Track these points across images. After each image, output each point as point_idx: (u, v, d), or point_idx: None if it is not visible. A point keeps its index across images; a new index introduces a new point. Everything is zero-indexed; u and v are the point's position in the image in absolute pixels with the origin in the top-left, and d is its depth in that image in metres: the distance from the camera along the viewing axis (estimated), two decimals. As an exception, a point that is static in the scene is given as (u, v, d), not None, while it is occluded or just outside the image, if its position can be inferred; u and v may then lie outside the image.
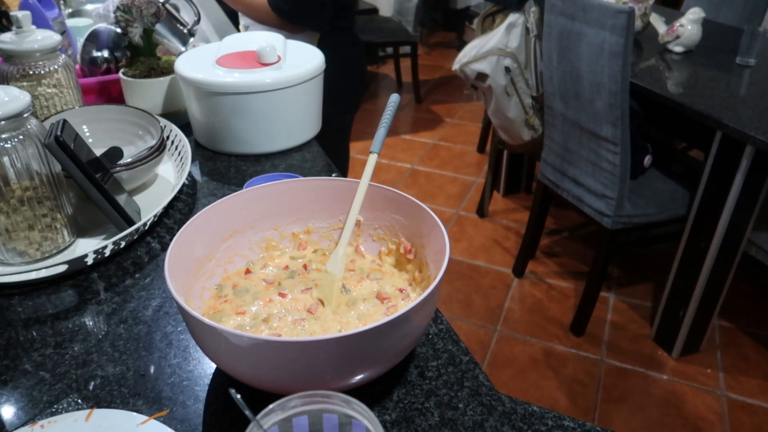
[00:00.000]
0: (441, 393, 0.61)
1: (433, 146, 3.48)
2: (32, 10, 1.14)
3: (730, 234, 1.71)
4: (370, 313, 0.65)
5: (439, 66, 4.70)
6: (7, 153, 0.73)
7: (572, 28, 1.74)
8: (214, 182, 1.03)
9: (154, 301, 0.75)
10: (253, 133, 1.08)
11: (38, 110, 1.02)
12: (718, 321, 2.12)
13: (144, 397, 0.61)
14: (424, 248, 0.69)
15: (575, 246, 2.57)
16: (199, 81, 1.05)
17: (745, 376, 1.91)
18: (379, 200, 0.72)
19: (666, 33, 2.10)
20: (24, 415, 0.59)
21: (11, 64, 0.97)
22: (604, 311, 2.18)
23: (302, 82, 1.07)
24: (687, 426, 1.75)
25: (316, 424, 0.45)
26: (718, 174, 1.68)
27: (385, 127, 0.74)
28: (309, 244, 0.76)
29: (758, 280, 2.30)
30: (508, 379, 1.92)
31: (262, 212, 0.73)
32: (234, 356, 0.53)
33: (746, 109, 1.64)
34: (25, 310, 0.74)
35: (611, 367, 1.95)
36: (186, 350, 0.67)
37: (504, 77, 2.14)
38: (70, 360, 0.66)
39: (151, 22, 1.14)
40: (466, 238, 2.63)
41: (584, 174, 1.92)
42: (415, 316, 0.55)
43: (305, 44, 1.22)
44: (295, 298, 0.67)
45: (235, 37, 1.24)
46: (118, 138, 1.00)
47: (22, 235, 0.78)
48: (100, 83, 1.21)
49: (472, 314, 2.20)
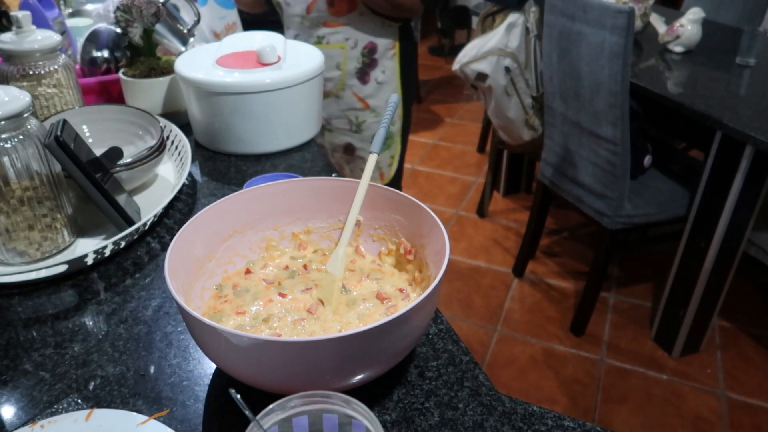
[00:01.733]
0: (441, 393, 0.61)
1: (433, 146, 3.48)
2: (32, 10, 1.14)
3: (730, 234, 1.71)
4: (370, 313, 0.65)
5: (439, 66, 4.70)
6: (7, 153, 0.73)
7: (572, 28, 1.74)
8: (214, 182, 1.03)
9: (154, 301, 0.75)
10: (253, 133, 1.08)
11: (38, 110, 1.02)
12: (718, 321, 2.12)
13: (144, 397, 0.61)
14: (424, 248, 0.69)
15: (575, 246, 2.57)
16: (199, 81, 1.05)
17: (745, 376, 1.91)
18: (379, 200, 0.72)
19: (666, 33, 2.10)
20: (24, 415, 0.59)
21: (11, 64, 0.97)
22: (604, 311, 2.18)
23: (302, 82, 1.07)
24: (687, 426, 1.75)
25: (316, 424, 0.45)
26: (718, 174, 1.68)
27: (385, 127, 0.74)
28: (309, 244, 0.76)
29: (758, 280, 2.30)
30: (508, 379, 1.92)
31: (262, 212, 0.73)
32: (234, 356, 0.53)
33: (746, 109, 1.63)
34: (25, 310, 0.74)
35: (611, 367, 1.95)
36: (186, 350, 0.67)
37: (504, 77, 2.14)
38: (70, 360, 0.66)
39: (151, 22, 1.14)
40: (466, 238, 2.63)
41: (584, 174, 1.92)
42: (415, 316, 0.55)
43: (305, 44, 1.22)
44: (295, 298, 0.67)
45: (235, 37, 1.24)
46: (118, 138, 1.00)
47: (22, 235, 0.78)
48: (100, 83, 1.21)
49: (472, 314, 2.20)
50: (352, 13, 1.42)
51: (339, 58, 1.48)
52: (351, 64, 1.49)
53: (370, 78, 1.51)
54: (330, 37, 1.46)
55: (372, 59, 1.49)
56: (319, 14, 1.43)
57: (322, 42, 1.46)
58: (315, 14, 1.43)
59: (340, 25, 1.44)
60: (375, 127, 1.57)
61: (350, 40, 1.46)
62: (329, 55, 1.44)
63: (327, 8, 1.42)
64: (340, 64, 1.49)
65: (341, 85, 1.52)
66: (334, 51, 1.47)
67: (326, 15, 1.43)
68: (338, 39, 1.46)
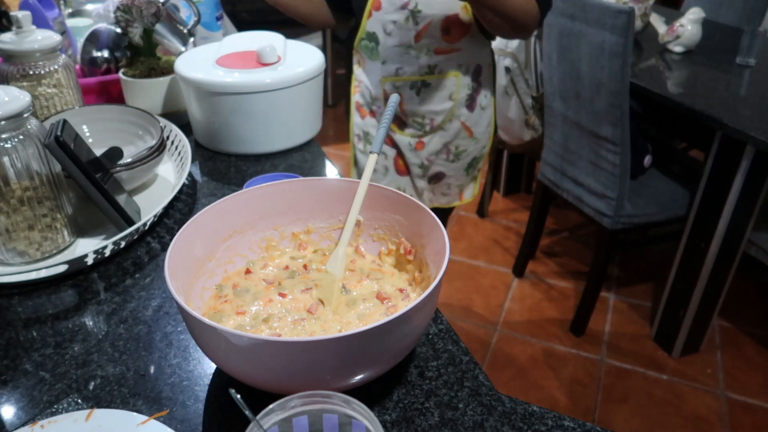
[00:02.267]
0: (441, 393, 0.61)
1: (433, 146, 3.48)
2: (32, 10, 1.14)
3: (730, 234, 1.71)
4: (370, 313, 0.65)
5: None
6: (7, 153, 0.73)
7: (572, 28, 1.74)
8: (214, 182, 1.03)
9: (154, 301, 0.75)
10: (253, 133, 1.08)
11: (38, 110, 1.02)
12: (718, 321, 2.12)
13: (144, 397, 0.61)
14: (424, 248, 0.69)
15: (575, 246, 2.57)
16: (199, 81, 1.05)
17: (745, 376, 1.91)
18: (379, 200, 0.72)
19: (666, 33, 2.10)
20: (24, 415, 0.59)
21: (11, 64, 0.97)
22: (604, 311, 2.18)
23: (302, 82, 1.07)
24: (687, 426, 1.75)
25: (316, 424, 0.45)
26: (718, 174, 1.68)
27: (384, 127, 0.74)
28: (309, 244, 0.76)
29: (758, 280, 2.30)
30: (508, 379, 1.92)
31: (262, 212, 0.73)
32: (234, 356, 0.53)
33: (746, 109, 1.63)
34: (25, 310, 0.74)
35: (611, 367, 1.95)
36: (186, 350, 0.67)
37: (504, 77, 2.14)
38: (70, 360, 0.66)
39: (151, 22, 1.14)
40: (466, 238, 2.63)
41: (584, 174, 1.92)
42: (415, 316, 0.55)
43: (305, 44, 1.22)
44: (296, 298, 0.67)
45: (235, 37, 1.24)
46: (118, 138, 1.00)
47: (22, 235, 0.78)
48: (100, 83, 1.21)
49: (472, 314, 2.20)
50: (465, 37, 1.25)
51: (452, 88, 1.31)
52: (463, 92, 1.32)
53: (476, 104, 1.35)
54: (443, 65, 1.28)
55: (479, 82, 1.34)
56: (430, 41, 1.24)
57: (434, 72, 1.28)
58: (426, 41, 1.24)
59: (454, 50, 1.26)
60: (472, 155, 1.42)
61: (463, 66, 1.29)
62: (442, 86, 1.30)
63: (441, 36, 1.23)
64: (453, 94, 1.31)
65: (450, 116, 1.34)
66: (447, 81, 1.30)
67: (439, 41, 1.24)
68: (452, 66, 1.28)
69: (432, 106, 1.32)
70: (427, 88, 1.30)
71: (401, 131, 1.38)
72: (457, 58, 1.28)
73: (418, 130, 1.36)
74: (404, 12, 1.21)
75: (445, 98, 1.32)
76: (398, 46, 1.26)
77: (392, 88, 1.31)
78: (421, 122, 1.35)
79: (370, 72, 1.34)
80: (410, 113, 1.34)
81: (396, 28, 1.24)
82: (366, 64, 1.35)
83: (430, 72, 1.28)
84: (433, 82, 1.29)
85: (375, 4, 1.24)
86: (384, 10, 1.23)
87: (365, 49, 1.31)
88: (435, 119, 1.34)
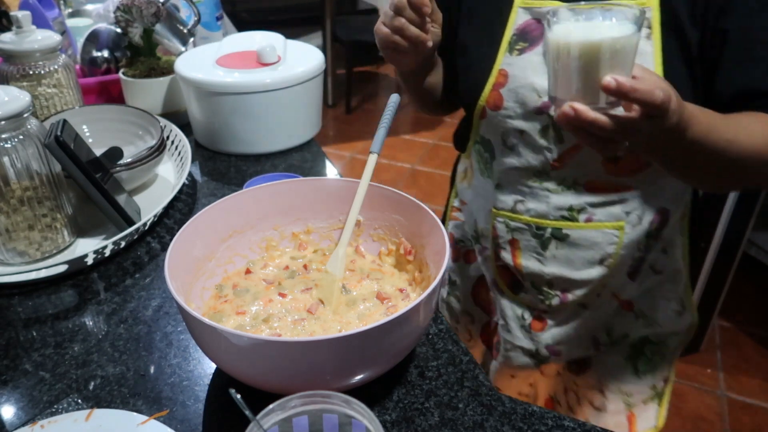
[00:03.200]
0: (441, 393, 0.61)
1: (433, 146, 3.48)
2: (32, 10, 1.14)
3: (730, 234, 1.71)
4: (370, 313, 0.65)
5: (439, 66, 4.70)
6: (7, 153, 0.73)
7: (572, 28, 1.73)
8: (214, 182, 1.03)
9: (154, 301, 0.75)
10: (253, 133, 1.08)
11: (38, 110, 1.02)
12: (718, 321, 2.12)
13: (144, 397, 0.61)
14: (424, 248, 0.69)
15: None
16: (199, 81, 1.05)
17: (745, 376, 1.91)
18: (379, 200, 0.72)
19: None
20: (24, 415, 0.59)
21: (11, 64, 0.97)
22: (604, 311, 2.18)
23: (302, 82, 1.07)
24: (687, 426, 1.75)
25: (316, 424, 0.45)
26: (718, 174, 1.68)
27: (385, 127, 0.73)
28: (309, 244, 0.76)
29: (758, 280, 2.30)
30: (508, 379, 1.92)
31: (262, 212, 0.73)
32: (234, 356, 0.53)
33: (746, 109, 1.63)
34: (25, 310, 0.74)
35: (611, 367, 1.95)
36: (186, 350, 0.67)
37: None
38: (70, 360, 0.66)
39: (151, 22, 1.14)
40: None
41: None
42: (415, 316, 0.55)
43: (305, 44, 1.22)
44: (296, 298, 0.67)
45: (235, 37, 1.24)
46: (118, 138, 1.00)
47: (22, 235, 0.78)
48: (100, 83, 1.21)
49: (472, 314, 2.20)
50: (645, 170, 0.78)
51: (608, 248, 0.81)
52: (627, 253, 0.82)
53: (643, 267, 0.86)
54: (598, 210, 0.80)
55: (657, 238, 0.84)
56: (581, 171, 0.79)
57: (578, 218, 0.80)
58: (572, 170, 0.79)
59: (622, 189, 0.79)
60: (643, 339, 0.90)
61: (633, 213, 0.80)
62: (590, 242, 0.81)
63: (602, 165, 0.78)
64: (607, 258, 0.82)
65: (599, 287, 0.85)
66: (600, 235, 0.81)
67: (597, 172, 0.78)
68: (614, 214, 0.80)
69: (568, 270, 0.84)
70: (563, 242, 0.82)
71: (513, 294, 0.91)
72: (629, 202, 0.80)
73: (540, 302, 0.88)
74: (541, 119, 0.77)
75: (587, 262, 0.83)
76: (524, 170, 0.81)
77: (506, 229, 0.86)
78: (547, 292, 0.87)
79: (480, 194, 0.91)
80: (528, 275, 0.86)
81: (523, 143, 0.80)
82: (476, 180, 0.92)
83: (572, 218, 0.81)
84: (576, 234, 0.82)
85: (492, 99, 0.80)
86: (506, 110, 0.79)
87: (479, 158, 0.89)
88: (571, 292, 0.86)
